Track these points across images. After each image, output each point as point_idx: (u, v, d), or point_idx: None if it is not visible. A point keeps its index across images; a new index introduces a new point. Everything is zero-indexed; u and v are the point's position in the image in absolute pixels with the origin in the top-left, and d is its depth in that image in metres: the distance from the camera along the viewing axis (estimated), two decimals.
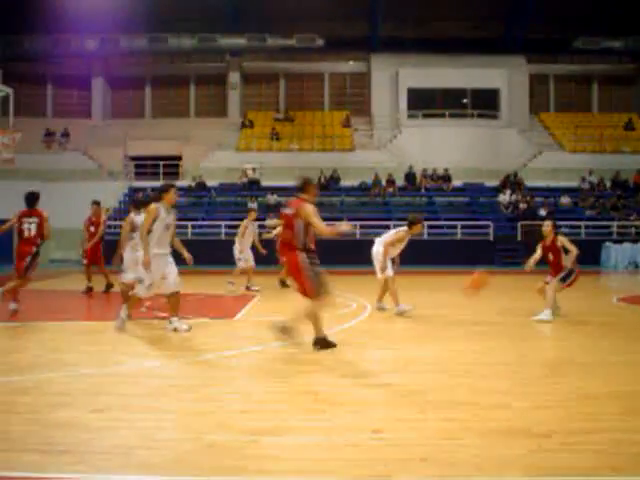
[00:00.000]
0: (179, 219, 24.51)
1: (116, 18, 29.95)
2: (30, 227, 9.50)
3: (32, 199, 9.74)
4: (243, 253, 13.67)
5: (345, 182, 28.75)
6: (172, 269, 8.03)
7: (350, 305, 10.96)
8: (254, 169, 28.86)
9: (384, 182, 28.10)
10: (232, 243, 14.11)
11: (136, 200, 11.83)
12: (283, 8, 31.38)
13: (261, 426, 4.29)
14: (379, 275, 9.96)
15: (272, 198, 26.02)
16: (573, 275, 9.52)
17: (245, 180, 28.47)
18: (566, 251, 9.51)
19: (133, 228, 9.71)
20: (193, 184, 28.62)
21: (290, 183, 27.11)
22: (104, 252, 13.24)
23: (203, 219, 25.60)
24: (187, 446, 3.92)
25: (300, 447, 3.90)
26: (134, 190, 28.24)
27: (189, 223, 24.60)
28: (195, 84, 36.71)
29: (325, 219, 18.80)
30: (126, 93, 36.90)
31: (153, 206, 7.99)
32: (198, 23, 32.41)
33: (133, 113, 36.16)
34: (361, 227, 23.52)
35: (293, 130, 32.81)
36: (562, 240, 9.55)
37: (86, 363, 6.40)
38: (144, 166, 30.51)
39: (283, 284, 13.69)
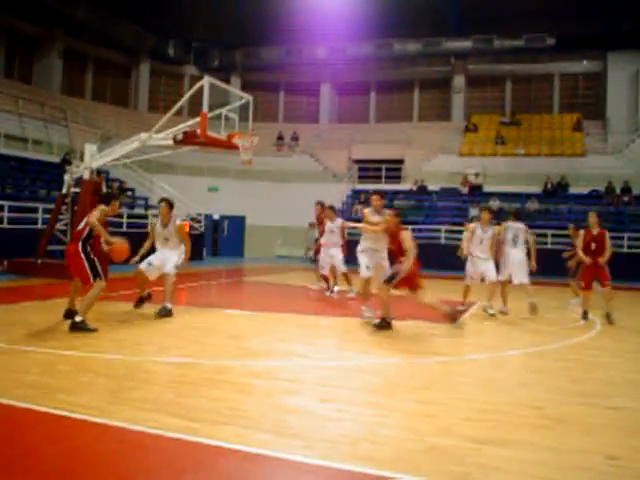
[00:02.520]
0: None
1: (344, 27, 31.13)
2: None
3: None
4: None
5: (574, 189, 27.05)
6: (489, 267, 10.43)
7: (577, 320, 10.31)
8: (477, 174, 28.27)
9: (618, 190, 25.98)
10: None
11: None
12: (511, 8, 30.36)
13: (485, 435, 4.19)
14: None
15: (494, 204, 25.32)
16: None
17: (465, 190, 27.82)
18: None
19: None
20: (414, 187, 28.80)
21: (514, 189, 26.48)
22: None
23: (423, 223, 25.65)
24: (409, 446, 3.96)
25: (525, 462, 3.76)
26: (357, 192, 29.16)
27: (409, 227, 24.78)
28: (419, 88, 36.94)
29: (551, 227, 17.99)
30: (352, 98, 38.24)
31: (472, 225, 10.81)
32: (423, 27, 32.56)
33: (358, 117, 37.34)
34: None
35: (519, 134, 31.63)
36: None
37: (312, 355, 6.73)
38: (367, 169, 31.34)
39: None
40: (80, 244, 7.67)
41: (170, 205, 9.21)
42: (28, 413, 4.32)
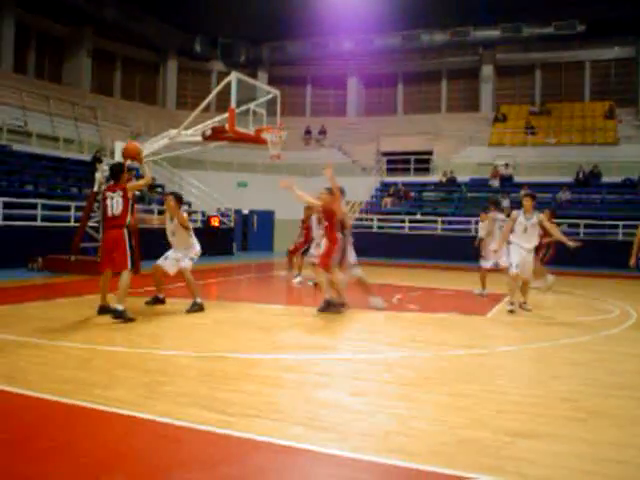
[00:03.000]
0: (428, 214, 24.78)
1: (370, 19, 30.91)
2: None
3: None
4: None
5: (607, 178, 26.58)
6: (528, 260, 9.74)
7: (612, 311, 10.17)
8: (507, 165, 27.96)
9: None
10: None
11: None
12: None
13: (518, 428, 4.16)
14: None
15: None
16: None
17: (496, 182, 27.44)
18: None
19: None
20: (444, 179, 28.61)
21: (545, 179, 26.15)
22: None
23: (453, 214, 25.47)
24: (442, 438, 3.94)
25: (560, 455, 3.72)
26: (386, 185, 29.07)
27: (439, 218, 24.69)
28: (447, 79, 36.66)
29: (584, 217, 17.81)
30: (379, 91, 38.09)
31: (514, 212, 9.98)
32: (450, 17, 32.17)
33: (385, 110, 37.18)
34: (624, 227, 21.63)
35: (549, 123, 31.20)
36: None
37: (342, 348, 6.75)
38: (395, 161, 31.20)
39: None
40: (125, 230, 7.89)
41: (178, 199, 9.14)
42: (65, 407, 4.40)
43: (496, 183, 27.29)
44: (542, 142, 29.67)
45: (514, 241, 9.87)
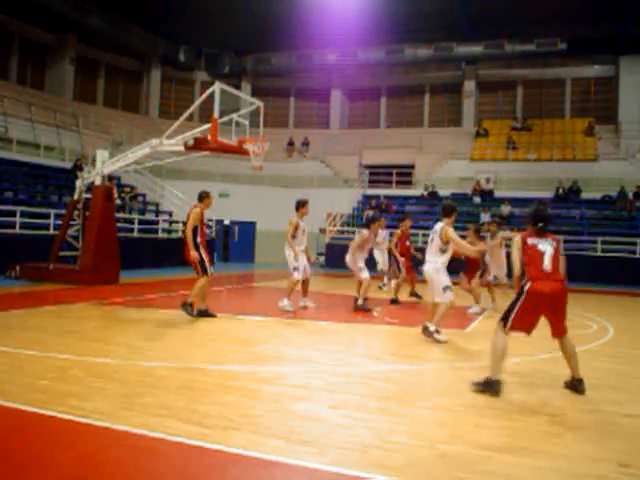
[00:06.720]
0: (410, 227, 24.86)
1: (354, 32, 31.13)
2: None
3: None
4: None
5: (586, 194, 26.91)
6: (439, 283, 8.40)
7: (590, 326, 10.25)
8: (488, 179, 28.19)
9: (631, 195, 25.83)
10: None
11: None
12: (522, 12, 30.23)
13: (496, 442, 4.18)
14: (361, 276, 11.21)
15: (506, 209, 25.25)
16: None
17: (477, 198, 27.60)
18: None
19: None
20: (425, 193, 28.76)
21: (526, 194, 26.38)
22: None
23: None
24: (420, 453, 3.94)
25: (537, 469, 3.74)
26: (367, 197, 29.16)
27: (420, 232, 24.77)
28: (429, 93, 36.94)
29: (563, 232, 17.94)
30: (362, 104, 38.29)
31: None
32: (434, 33, 32.50)
33: (368, 123, 37.37)
34: (603, 243, 21.90)
35: (530, 139, 31.54)
36: None
37: (321, 361, 6.72)
38: (378, 174, 31.33)
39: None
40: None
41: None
42: (40, 418, 4.34)
43: (477, 200, 27.47)
44: (523, 157, 29.99)
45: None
